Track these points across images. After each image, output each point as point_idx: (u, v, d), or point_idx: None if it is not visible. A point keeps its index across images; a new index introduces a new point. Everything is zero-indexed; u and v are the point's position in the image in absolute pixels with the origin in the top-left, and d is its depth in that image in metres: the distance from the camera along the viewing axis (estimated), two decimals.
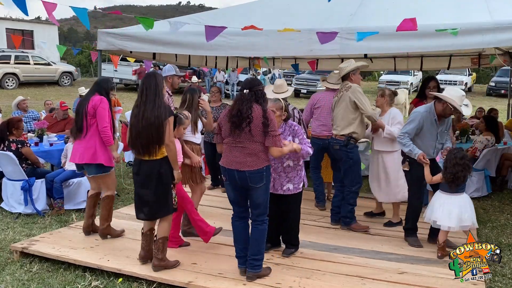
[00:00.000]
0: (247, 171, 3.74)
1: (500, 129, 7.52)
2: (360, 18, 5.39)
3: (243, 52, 6.05)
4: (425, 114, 4.54)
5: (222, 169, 3.90)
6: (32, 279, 4.11)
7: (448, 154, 4.39)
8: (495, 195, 6.99)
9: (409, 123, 4.59)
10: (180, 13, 62.33)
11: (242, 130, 3.73)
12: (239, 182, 3.80)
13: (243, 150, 3.76)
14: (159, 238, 4.06)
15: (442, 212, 4.34)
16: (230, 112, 3.82)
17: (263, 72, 23.72)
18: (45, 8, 4.60)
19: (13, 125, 6.07)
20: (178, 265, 4.13)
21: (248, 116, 3.70)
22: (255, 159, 3.75)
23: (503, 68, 21.22)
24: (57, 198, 5.94)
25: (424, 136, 4.59)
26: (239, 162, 3.75)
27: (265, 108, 3.80)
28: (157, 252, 4.04)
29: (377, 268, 4.20)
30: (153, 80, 3.98)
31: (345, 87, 5.20)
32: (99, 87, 4.83)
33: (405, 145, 4.53)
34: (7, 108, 12.90)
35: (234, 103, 3.83)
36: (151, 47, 6.17)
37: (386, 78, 24.75)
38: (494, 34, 4.53)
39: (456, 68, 10.59)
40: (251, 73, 10.24)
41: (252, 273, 3.89)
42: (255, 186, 3.78)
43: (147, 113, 3.88)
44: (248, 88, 3.81)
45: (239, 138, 3.77)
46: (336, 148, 5.18)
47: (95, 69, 28.46)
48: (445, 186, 4.40)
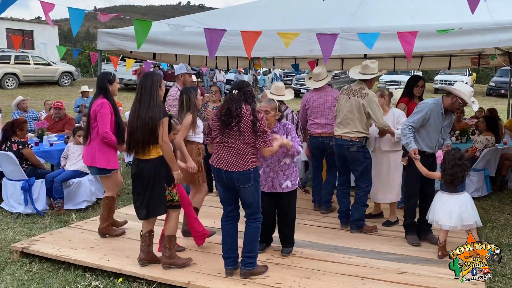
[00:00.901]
0: (234, 172, 3.76)
1: (500, 128, 7.53)
2: (360, 18, 5.39)
3: (243, 52, 6.04)
4: (433, 106, 4.54)
5: (212, 168, 3.93)
6: (32, 279, 4.12)
7: (446, 155, 4.39)
8: (495, 195, 6.98)
9: (416, 113, 4.57)
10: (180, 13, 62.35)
11: (231, 129, 3.75)
12: (226, 182, 3.83)
13: (231, 150, 3.78)
14: (166, 236, 4.10)
15: (443, 212, 4.34)
16: (219, 111, 3.85)
17: (263, 72, 23.74)
18: (43, 8, 4.59)
19: (18, 126, 6.12)
20: (190, 262, 4.15)
21: (237, 114, 3.73)
22: (243, 160, 3.76)
23: (503, 68, 21.20)
24: (57, 198, 5.94)
25: (430, 128, 4.58)
26: (227, 163, 3.78)
27: (254, 107, 3.83)
28: (165, 250, 4.07)
29: (377, 268, 4.20)
30: (150, 80, 3.98)
31: (361, 92, 5.03)
32: (99, 88, 4.85)
33: (406, 135, 4.49)
34: (7, 108, 12.90)
35: (224, 103, 3.87)
36: (151, 47, 6.17)
37: (386, 78, 24.73)
38: (494, 34, 4.54)
39: (456, 68, 10.61)
40: (251, 73, 10.24)
41: (245, 270, 3.91)
42: (242, 187, 3.80)
43: (142, 112, 3.90)
44: (237, 89, 3.85)
45: (228, 138, 3.79)
46: (353, 150, 5.05)
47: (95, 69, 28.47)
48: (444, 186, 4.41)
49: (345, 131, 5.08)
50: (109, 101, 4.76)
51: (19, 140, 6.03)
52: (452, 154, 4.33)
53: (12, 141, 5.99)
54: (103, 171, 4.82)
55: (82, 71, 28.79)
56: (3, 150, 5.91)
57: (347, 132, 5.07)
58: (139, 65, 22.26)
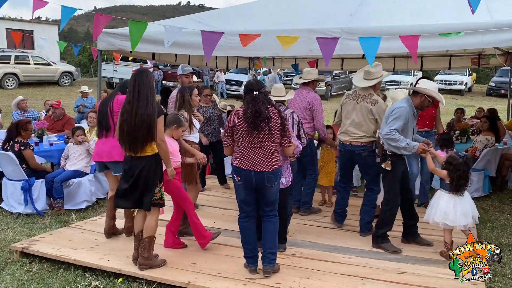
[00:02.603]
0: (266, 172, 3.82)
1: (501, 128, 7.53)
2: (360, 18, 5.39)
3: (243, 52, 6.05)
4: (408, 109, 4.51)
5: (236, 169, 3.90)
6: (32, 279, 4.11)
7: (460, 162, 4.39)
8: (495, 195, 6.98)
9: (396, 119, 4.44)
10: (180, 13, 62.26)
11: (261, 130, 3.78)
12: (255, 182, 3.86)
13: (262, 151, 3.82)
14: (145, 237, 4.05)
15: (456, 212, 4.34)
16: (245, 113, 3.81)
17: (263, 72, 23.69)
18: (33, 4, 4.49)
19: (22, 127, 6.11)
20: (164, 264, 4.13)
21: (266, 116, 3.77)
22: (273, 159, 3.86)
23: (503, 68, 21.22)
24: (57, 198, 5.94)
25: (407, 130, 4.55)
26: (257, 163, 3.82)
27: (278, 109, 3.94)
28: (143, 251, 4.04)
29: (377, 268, 4.20)
30: (145, 77, 3.97)
31: (370, 98, 5.00)
32: (122, 87, 4.84)
33: (399, 140, 4.39)
34: (7, 108, 12.90)
35: (248, 105, 3.83)
36: (151, 47, 6.17)
37: (386, 78, 24.70)
38: (494, 34, 4.54)
39: (456, 68, 10.61)
40: (251, 73, 10.25)
41: (269, 267, 3.97)
42: (270, 186, 3.87)
43: (141, 110, 3.87)
44: (257, 90, 3.86)
45: (257, 139, 3.81)
46: (365, 155, 5.02)
47: (95, 69, 28.46)
48: (447, 185, 4.43)
49: (355, 136, 5.03)
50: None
51: (21, 140, 6.04)
52: (464, 163, 4.38)
53: (15, 141, 6.00)
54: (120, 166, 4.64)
55: (82, 71, 28.78)
56: (5, 150, 5.92)
57: (358, 137, 5.02)
58: (139, 65, 22.35)
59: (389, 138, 4.40)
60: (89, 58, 30.83)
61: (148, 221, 4.08)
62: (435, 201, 4.52)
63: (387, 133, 4.40)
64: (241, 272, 4.04)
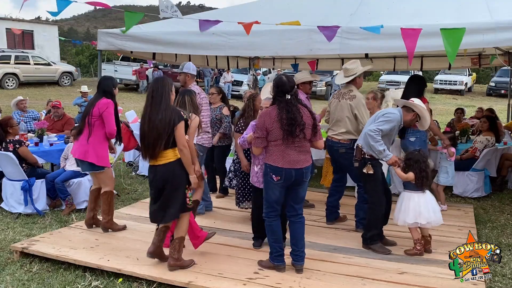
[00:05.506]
0: (304, 167, 3.95)
1: (499, 128, 7.53)
2: (360, 18, 5.38)
3: (243, 52, 6.05)
4: (399, 119, 4.53)
5: (277, 169, 3.90)
6: (32, 279, 4.11)
7: (416, 156, 4.42)
8: (495, 195, 6.98)
9: (386, 122, 4.45)
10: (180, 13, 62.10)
11: (297, 136, 3.87)
12: (294, 179, 3.93)
13: (300, 149, 3.93)
14: (176, 238, 4.07)
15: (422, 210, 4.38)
16: (280, 119, 3.82)
17: (263, 72, 23.69)
18: None
19: (6, 125, 6.10)
20: (193, 264, 4.14)
21: (301, 122, 3.84)
22: (308, 155, 4.02)
23: (503, 68, 21.21)
24: (64, 197, 5.99)
25: (389, 137, 4.58)
26: (297, 161, 3.91)
27: (310, 109, 4.04)
28: (173, 252, 4.05)
29: (377, 268, 4.20)
30: (160, 83, 3.97)
31: (349, 94, 5.10)
32: (103, 91, 4.98)
33: (379, 142, 4.36)
34: (7, 108, 12.88)
35: (282, 110, 3.84)
36: (151, 47, 6.17)
37: (386, 78, 24.73)
38: (494, 34, 4.53)
39: (456, 68, 10.60)
40: (251, 73, 10.24)
41: (301, 265, 4.07)
42: (305, 180, 4.02)
43: (153, 116, 3.89)
44: (290, 91, 3.88)
45: (294, 139, 3.89)
46: (342, 151, 5.08)
47: (95, 69, 28.47)
48: (412, 185, 4.44)
49: (334, 133, 5.17)
50: (114, 103, 4.99)
51: (13, 139, 6.03)
52: (422, 154, 4.42)
53: (7, 141, 5.98)
54: (94, 167, 4.90)
55: (82, 71, 28.80)
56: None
57: (336, 134, 5.15)
58: (139, 64, 22.35)
59: (371, 135, 4.38)
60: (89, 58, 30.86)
61: (180, 222, 4.10)
62: (404, 203, 4.47)
63: (373, 130, 4.39)
64: (241, 272, 4.04)
